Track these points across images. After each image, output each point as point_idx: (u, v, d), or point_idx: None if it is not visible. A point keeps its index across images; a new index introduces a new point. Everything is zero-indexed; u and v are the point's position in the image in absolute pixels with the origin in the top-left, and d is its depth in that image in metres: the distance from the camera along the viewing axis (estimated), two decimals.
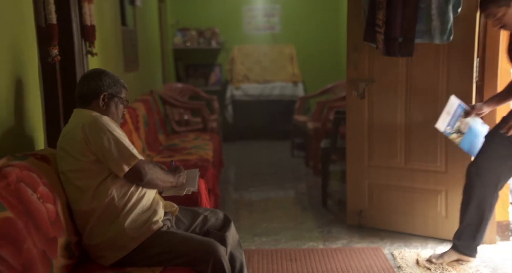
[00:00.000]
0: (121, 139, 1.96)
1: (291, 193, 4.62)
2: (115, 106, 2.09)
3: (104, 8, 3.36)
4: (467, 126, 2.66)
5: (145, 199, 2.05)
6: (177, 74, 6.87)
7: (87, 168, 1.94)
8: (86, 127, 1.93)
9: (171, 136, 4.89)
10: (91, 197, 1.96)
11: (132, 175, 1.96)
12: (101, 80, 2.05)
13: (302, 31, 6.88)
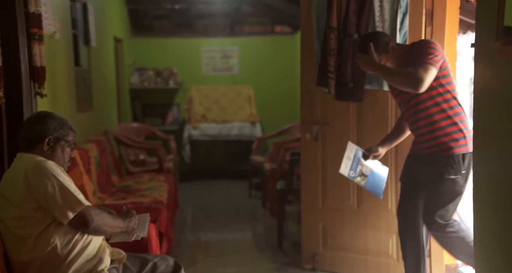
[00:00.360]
0: (67, 184, 1.91)
1: (248, 234, 4.57)
2: (61, 150, 2.03)
3: (56, 49, 3.32)
4: (368, 169, 2.77)
5: (90, 247, 1.98)
6: (133, 113, 6.81)
7: (29, 215, 1.87)
8: (29, 173, 1.87)
9: (126, 177, 4.78)
10: (31, 246, 1.88)
11: (77, 222, 1.90)
12: (46, 123, 2.00)
13: (260, 72, 7.01)
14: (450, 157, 2.49)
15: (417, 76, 2.37)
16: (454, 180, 2.50)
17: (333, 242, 3.34)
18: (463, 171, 2.49)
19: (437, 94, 2.49)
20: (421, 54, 2.44)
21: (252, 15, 7.04)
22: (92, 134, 4.42)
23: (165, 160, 5.23)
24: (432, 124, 2.52)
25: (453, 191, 2.53)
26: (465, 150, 2.48)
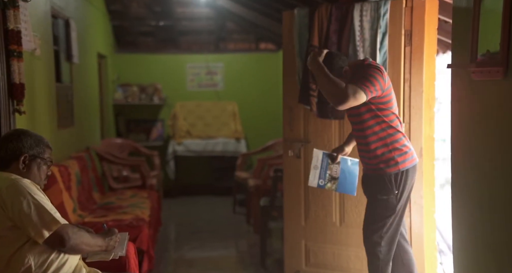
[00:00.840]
0: (43, 202, 1.88)
1: (232, 251, 4.53)
2: (37, 168, 2.01)
3: (36, 66, 3.30)
4: (338, 170, 2.79)
5: (66, 267, 1.95)
6: (117, 129, 6.76)
7: (2, 234, 1.85)
8: (3, 192, 1.84)
9: (108, 194, 4.72)
10: (4, 267, 1.84)
11: (53, 241, 1.86)
12: (21, 141, 1.97)
13: (244, 89, 7.03)
14: (382, 176, 2.51)
15: (344, 93, 2.33)
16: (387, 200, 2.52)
17: (316, 259, 3.32)
18: (395, 191, 2.51)
19: (367, 119, 2.50)
20: (361, 77, 2.41)
21: (237, 32, 7.09)
22: (74, 151, 4.38)
23: (148, 176, 5.18)
24: (367, 146, 2.55)
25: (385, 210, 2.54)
26: (397, 169, 2.49)
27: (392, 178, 2.49)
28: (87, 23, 5.10)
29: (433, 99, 2.92)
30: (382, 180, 2.51)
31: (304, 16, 3.19)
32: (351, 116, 2.61)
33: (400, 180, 2.50)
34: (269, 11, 4.92)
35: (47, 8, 3.61)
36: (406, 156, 2.51)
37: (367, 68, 2.44)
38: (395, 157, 2.49)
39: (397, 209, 2.53)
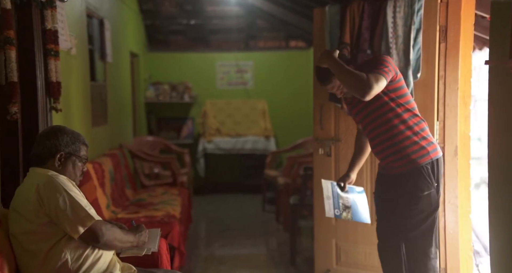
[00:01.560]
0: (78, 198, 1.91)
1: (261, 249, 4.54)
2: (72, 166, 2.04)
3: (72, 65, 3.38)
4: (348, 199, 2.67)
5: (101, 262, 1.99)
6: (149, 127, 6.86)
7: (40, 230, 1.88)
8: (41, 188, 1.88)
9: (139, 191, 4.80)
10: (42, 261, 1.89)
11: (88, 237, 1.90)
12: (58, 139, 2.01)
13: (274, 87, 7.02)
14: (418, 169, 2.37)
15: (367, 82, 2.26)
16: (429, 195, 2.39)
17: (347, 258, 3.29)
18: (435, 183, 2.38)
19: (389, 110, 2.40)
20: (374, 65, 2.36)
21: (267, 30, 7.09)
22: (107, 148, 4.46)
23: (179, 174, 5.24)
24: (394, 138, 2.41)
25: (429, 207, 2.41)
26: (429, 158, 2.37)
27: (429, 169, 2.36)
28: (120, 23, 5.19)
29: (469, 97, 2.85)
30: (419, 173, 2.36)
31: (336, 13, 3.16)
32: (371, 112, 2.45)
33: (435, 170, 2.36)
34: (300, 8, 4.90)
35: (82, 8, 3.69)
36: (434, 146, 2.40)
37: (374, 58, 2.47)
38: (425, 146, 2.36)
39: (439, 202, 2.42)
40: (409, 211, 2.42)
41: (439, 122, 2.86)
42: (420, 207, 2.40)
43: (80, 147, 2.07)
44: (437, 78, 2.86)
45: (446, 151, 2.87)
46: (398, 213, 2.46)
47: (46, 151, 1.99)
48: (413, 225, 2.42)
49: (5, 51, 2.19)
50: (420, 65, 2.85)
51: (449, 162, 2.85)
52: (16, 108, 2.26)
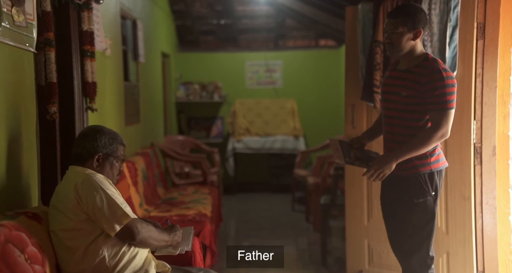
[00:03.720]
0: (114, 197, 1.95)
1: (291, 249, 4.52)
2: (110, 166, 2.07)
3: (106, 65, 3.44)
4: (362, 153, 2.56)
5: (137, 259, 2.01)
6: (179, 127, 6.94)
7: (78, 227, 1.92)
8: (79, 186, 1.92)
9: (171, 189, 4.86)
10: (80, 258, 1.92)
11: (124, 234, 1.93)
12: (97, 140, 2.04)
13: (304, 86, 7.00)
14: (416, 176, 2.35)
15: (437, 131, 2.24)
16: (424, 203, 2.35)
17: (380, 260, 3.25)
18: (432, 192, 2.35)
19: (425, 112, 2.34)
20: (438, 95, 2.25)
21: (296, 29, 7.06)
22: (139, 147, 4.53)
23: (209, 173, 5.28)
24: (406, 137, 2.36)
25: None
26: (429, 169, 2.34)
27: (427, 178, 2.34)
28: (152, 23, 5.26)
29: (507, 95, 2.76)
30: (416, 180, 2.34)
31: (369, 11, 3.12)
32: (408, 104, 2.35)
33: (433, 180, 2.34)
34: (330, 7, 4.86)
35: (117, 10, 3.75)
36: (438, 157, 2.37)
37: (446, 80, 2.27)
38: (428, 155, 2.33)
39: (436, 212, 2.37)
40: (405, 217, 2.41)
41: (476, 121, 2.79)
42: (416, 215, 2.37)
43: (118, 147, 2.10)
44: (474, 76, 2.79)
45: (484, 151, 2.80)
46: (396, 219, 2.45)
47: (85, 151, 2.03)
48: (408, 233, 2.40)
49: (45, 53, 2.25)
50: (456, 63, 2.78)
51: (486, 162, 2.78)
52: (55, 108, 2.32)
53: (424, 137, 2.28)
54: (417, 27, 2.31)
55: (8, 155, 2.00)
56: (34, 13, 2.13)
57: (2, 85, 1.96)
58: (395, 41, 2.33)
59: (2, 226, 1.71)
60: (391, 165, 2.30)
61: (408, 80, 2.34)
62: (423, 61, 2.33)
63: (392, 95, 2.42)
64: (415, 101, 2.32)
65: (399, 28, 2.30)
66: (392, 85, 2.43)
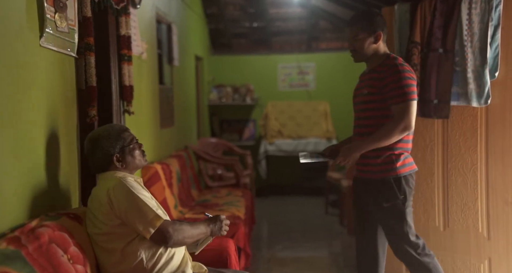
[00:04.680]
0: (146, 200, 1.94)
1: (325, 252, 4.49)
2: (131, 155, 2.05)
3: (143, 68, 3.50)
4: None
5: (174, 260, 2.02)
6: (211, 129, 6.99)
7: (113, 231, 1.93)
8: (111, 192, 1.92)
9: (204, 191, 4.89)
10: (119, 259, 1.94)
11: (158, 237, 1.92)
12: (103, 148, 2.01)
13: (336, 88, 6.94)
14: (385, 180, 2.40)
15: (398, 124, 2.30)
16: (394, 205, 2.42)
17: None
18: (401, 196, 2.40)
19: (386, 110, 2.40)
20: (397, 89, 2.32)
21: (329, 31, 7.01)
22: (173, 150, 4.59)
23: (242, 175, 5.30)
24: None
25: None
26: (398, 173, 2.39)
27: (393, 182, 2.39)
28: (186, 27, 5.32)
29: None
30: (385, 183, 2.40)
31: (406, 12, 3.07)
32: (370, 102, 2.44)
33: (402, 185, 2.39)
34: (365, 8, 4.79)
35: (152, 14, 3.81)
36: (407, 161, 2.42)
37: (394, 76, 2.35)
38: (399, 159, 2.39)
39: (406, 215, 2.43)
40: (378, 220, 2.50)
41: None
42: (386, 218, 2.46)
43: (121, 136, 2.04)
44: None
45: None
46: (368, 222, 2.55)
47: (102, 161, 2.02)
48: (386, 233, 2.51)
49: (85, 57, 2.30)
50: (498, 63, 2.70)
51: None
52: (95, 111, 2.37)
53: (387, 129, 2.34)
54: (377, 31, 2.42)
55: (51, 157, 2.05)
56: (75, 18, 2.18)
57: (46, 90, 2.01)
58: (358, 47, 2.44)
59: (46, 226, 1.75)
60: (356, 153, 2.40)
61: (370, 79, 2.46)
62: (385, 60, 2.44)
63: (357, 98, 2.54)
64: (377, 98, 2.40)
65: (360, 35, 2.42)
66: (358, 88, 2.56)
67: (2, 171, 1.68)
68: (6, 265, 1.44)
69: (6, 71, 1.71)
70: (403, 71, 2.34)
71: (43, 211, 1.95)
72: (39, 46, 1.92)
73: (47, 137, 2.02)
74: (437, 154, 3.08)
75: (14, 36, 1.75)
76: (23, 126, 1.82)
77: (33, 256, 1.58)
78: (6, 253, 1.49)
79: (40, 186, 1.96)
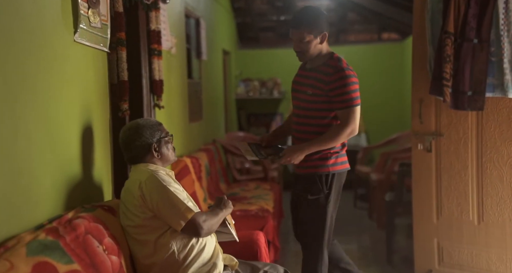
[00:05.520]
0: (177, 193, 1.96)
1: (354, 246, 4.45)
2: (166, 148, 2.11)
3: (172, 63, 3.53)
4: (273, 150, 2.63)
5: (205, 252, 2.04)
6: (239, 123, 7.00)
7: (146, 224, 1.96)
8: (143, 185, 1.95)
9: (232, 185, 4.91)
10: (151, 251, 1.97)
11: (189, 229, 1.95)
12: (143, 135, 2.05)
13: (365, 81, 6.81)
14: (313, 175, 2.48)
15: (344, 129, 2.37)
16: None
17: (451, 259, 3.13)
18: (326, 190, 2.48)
19: (327, 110, 2.45)
20: (340, 95, 2.38)
21: (358, 23, 6.92)
22: (202, 143, 4.62)
23: (270, 169, 5.30)
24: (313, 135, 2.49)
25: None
26: (328, 170, 2.47)
27: (323, 178, 2.47)
28: (214, 21, 5.34)
29: None
30: (313, 179, 2.48)
31: (438, 1, 2.99)
32: (312, 102, 2.47)
33: (330, 181, 2.47)
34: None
35: (181, 9, 3.84)
36: (339, 160, 2.50)
37: (338, 81, 2.39)
38: (332, 157, 2.46)
39: (327, 210, 2.50)
40: (302, 210, 2.57)
41: None
42: (309, 210, 2.52)
43: (159, 128, 2.10)
44: None
45: None
46: (297, 211, 2.65)
47: (140, 150, 2.06)
48: (304, 225, 2.59)
49: (117, 52, 2.33)
50: None
51: None
52: (127, 105, 2.40)
53: (333, 133, 2.42)
54: (323, 32, 2.43)
55: (85, 151, 2.10)
56: (107, 14, 2.21)
57: (80, 85, 2.05)
58: (304, 49, 2.44)
59: (82, 218, 1.79)
60: (301, 155, 2.45)
61: (314, 79, 2.46)
62: (328, 60, 2.46)
63: (299, 94, 2.54)
64: (321, 99, 2.43)
65: (306, 38, 2.40)
66: (299, 84, 2.56)
67: (39, 164, 1.73)
68: (46, 255, 1.48)
69: (42, 67, 1.75)
70: (349, 77, 2.39)
71: (79, 203, 1.99)
72: (73, 41, 1.96)
73: (81, 131, 2.06)
74: (471, 146, 3.02)
75: (49, 32, 1.79)
76: (58, 121, 1.87)
77: (71, 247, 1.62)
78: (45, 243, 1.53)
79: (75, 179, 2.01)
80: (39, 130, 1.72)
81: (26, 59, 1.65)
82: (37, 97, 1.71)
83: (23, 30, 1.63)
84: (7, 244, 1.45)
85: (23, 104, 1.62)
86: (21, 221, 1.61)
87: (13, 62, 1.57)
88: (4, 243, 1.47)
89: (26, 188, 1.64)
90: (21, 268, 1.36)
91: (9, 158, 1.54)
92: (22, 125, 1.61)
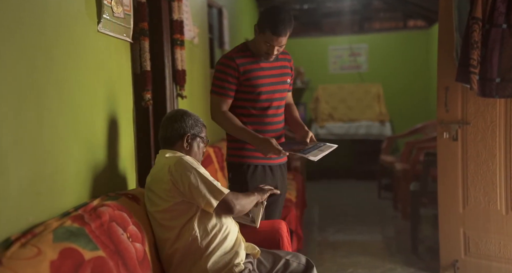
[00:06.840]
0: (206, 175, 1.99)
1: (378, 236, 4.42)
2: (197, 146, 2.13)
3: (194, 53, 3.53)
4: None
5: (228, 240, 2.05)
6: None
7: (174, 208, 1.98)
8: (172, 169, 1.96)
9: None
10: (176, 237, 1.99)
11: (222, 208, 1.97)
12: (184, 121, 2.10)
13: (390, 69, 6.75)
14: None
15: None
16: None
17: (477, 249, 3.08)
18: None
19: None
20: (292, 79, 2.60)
21: (383, 11, 6.82)
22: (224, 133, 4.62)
23: (292, 158, 5.28)
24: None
25: None
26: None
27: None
28: (236, 11, 5.31)
29: None
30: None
31: None
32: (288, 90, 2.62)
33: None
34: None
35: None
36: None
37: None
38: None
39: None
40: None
41: None
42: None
43: (202, 128, 2.16)
44: None
45: None
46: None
47: (175, 133, 2.09)
48: None
49: (140, 42, 2.34)
50: None
51: None
52: (149, 95, 2.42)
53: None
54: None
55: (109, 140, 2.12)
56: (130, 4, 2.22)
57: (103, 75, 2.08)
58: (279, 51, 2.47)
59: (106, 206, 1.82)
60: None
61: (282, 67, 2.54)
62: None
63: (279, 85, 2.52)
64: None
65: (285, 41, 2.44)
66: (273, 76, 2.51)
67: (65, 153, 1.76)
68: (72, 241, 1.51)
69: (67, 57, 1.77)
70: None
71: (103, 191, 2.02)
72: (97, 32, 1.98)
73: (105, 121, 2.09)
74: (499, 135, 2.95)
75: (73, 22, 1.81)
76: (83, 110, 1.89)
77: (96, 234, 1.65)
78: (71, 230, 1.56)
79: (100, 168, 2.04)
80: (64, 120, 1.75)
81: (52, 49, 1.67)
82: (62, 86, 1.73)
83: (50, 21, 1.65)
84: (35, 231, 1.49)
85: (48, 93, 1.65)
86: (48, 208, 1.65)
87: (41, 52, 1.60)
88: (31, 229, 1.50)
89: (51, 176, 1.67)
90: (48, 253, 1.39)
91: (34, 147, 1.57)
92: (47, 114, 1.64)
